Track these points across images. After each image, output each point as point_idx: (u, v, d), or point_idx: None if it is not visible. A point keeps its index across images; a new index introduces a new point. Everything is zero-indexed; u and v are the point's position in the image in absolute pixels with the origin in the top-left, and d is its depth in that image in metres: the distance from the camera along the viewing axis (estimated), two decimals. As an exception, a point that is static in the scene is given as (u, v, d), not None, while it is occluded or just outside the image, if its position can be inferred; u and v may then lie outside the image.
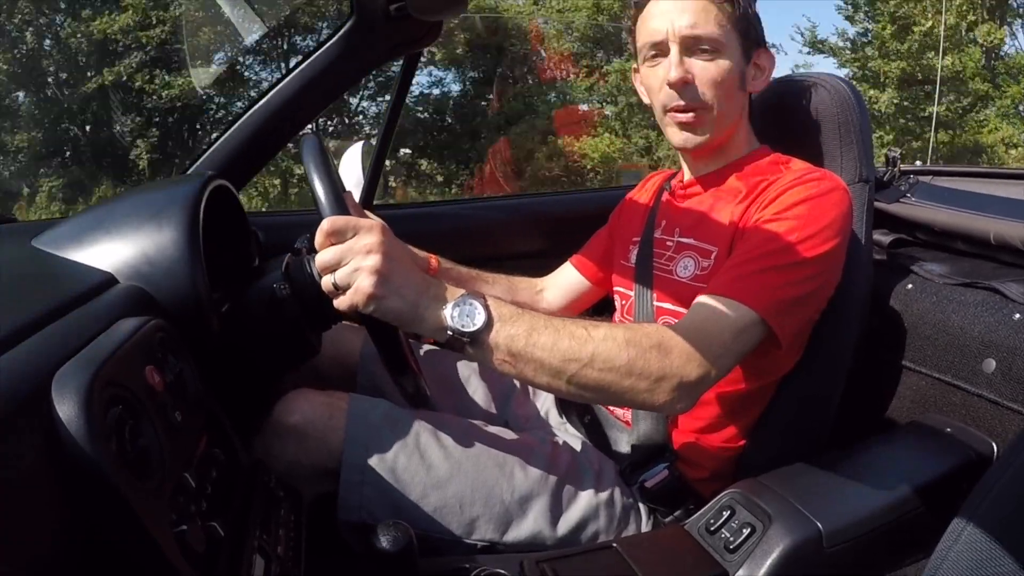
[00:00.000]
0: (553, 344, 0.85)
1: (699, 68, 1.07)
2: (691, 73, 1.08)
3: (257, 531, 0.77)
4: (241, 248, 1.19)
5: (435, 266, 1.27)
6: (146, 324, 0.75)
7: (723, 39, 1.06)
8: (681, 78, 1.07)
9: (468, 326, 0.83)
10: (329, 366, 1.25)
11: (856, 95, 1.19)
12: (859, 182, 1.16)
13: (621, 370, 0.86)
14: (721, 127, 1.11)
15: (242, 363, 1.00)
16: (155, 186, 1.04)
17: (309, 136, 0.94)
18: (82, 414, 0.56)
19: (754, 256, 0.99)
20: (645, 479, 1.11)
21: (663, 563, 0.90)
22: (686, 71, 1.07)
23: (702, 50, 1.07)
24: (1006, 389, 1.07)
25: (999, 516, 0.68)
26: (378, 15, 1.27)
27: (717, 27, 1.06)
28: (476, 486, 1.02)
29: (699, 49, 1.07)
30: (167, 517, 0.63)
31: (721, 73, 1.07)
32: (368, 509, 0.98)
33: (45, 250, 0.93)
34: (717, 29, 1.06)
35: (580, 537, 1.05)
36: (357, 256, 0.81)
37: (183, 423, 0.73)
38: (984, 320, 1.14)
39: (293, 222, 1.66)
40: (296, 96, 1.36)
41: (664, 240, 1.19)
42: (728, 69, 1.07)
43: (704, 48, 1.07)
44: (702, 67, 1.07)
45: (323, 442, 1.00)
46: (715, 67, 1.07)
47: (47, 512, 0.55)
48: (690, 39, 1.07)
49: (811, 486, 0.95)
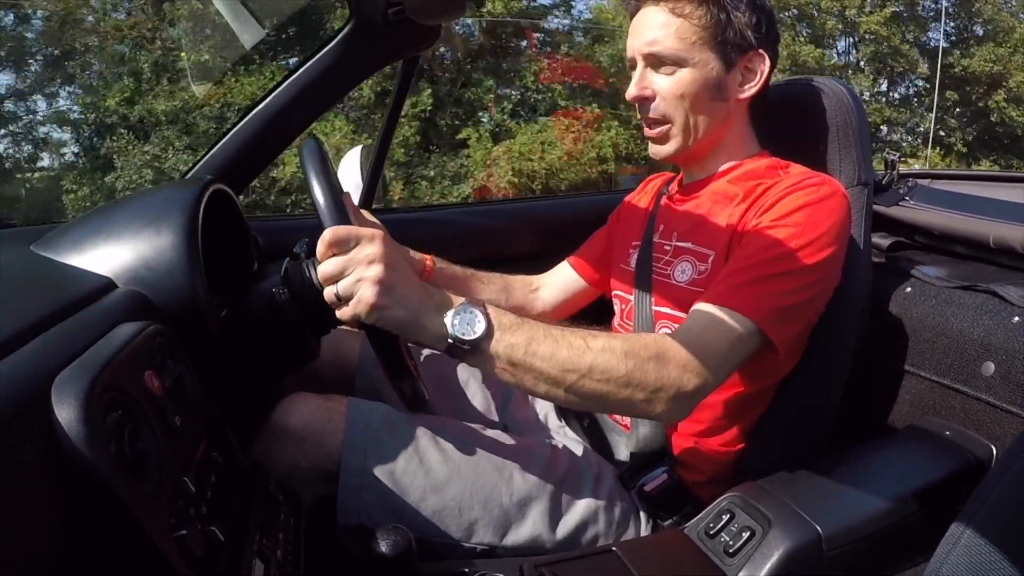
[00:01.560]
0: (552, 354, 0.86)
1: (661, 82, 1.10)
2: (650, 89, 1.11)
3: (256, 535, 0.77)
4: (240, 252, 1.19)
5: (430, 266, 1.27)
6: (145, 328, 0.75)
7: (685, 54, 1.07)
8: (637, 95, 1.12)
9: (468, 335, 0.84)
10: (328, 370, 1.25)
11: (855, 98, 1.19)
12: (858, 185, 1.16)
13: (619, 381, 0.87)
14: (690, 138, 1.12)
15: (241, 367, 1.00)
16: (154, 191, 1.04)
17: (309, 141, 0.94)
18: (81, 418, 0.57)
19: (752, 264, 0.99)
20: (644, 483, 1.11)
21: (662, 567, 0.90)
22: (644, 87, 1.11)
23: (664, 64, 1.09)
24: (1005, 392, 1.07)
25: (998, 520, 0.68)
26: (376, 19, 1.27)
27: (678, 41, 1.07)
28: (475, 489, 1.02)
29: (661, 64, 1.09)
30: (166, 521, 0.63)
31: (682, 87, 1.08)
32: (367, 513, 0.97)
33: (44, 255, 0.93)
34: (678, 43, 1.07)
35: (579, 541, 1.05)
36: (359, 267, 0.82)
37: (182, 427, 0.73)
38: (983, 323, 1.14)
39: (292, 226, 1.66)
40: (295, 100, 1.36)
41: (663, 244, 1.19)
42: (692, 82, 1.08)
43: (665, 63, 1.09)
44: (664, 81, 1.10)
45: (322, 445, 1.00)
46: (675, 81, 1.09)
47: (47, 516, 0.55)
48: (650, 56, 1.10)
49: (810, 490, 0.96)
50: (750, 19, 1.08)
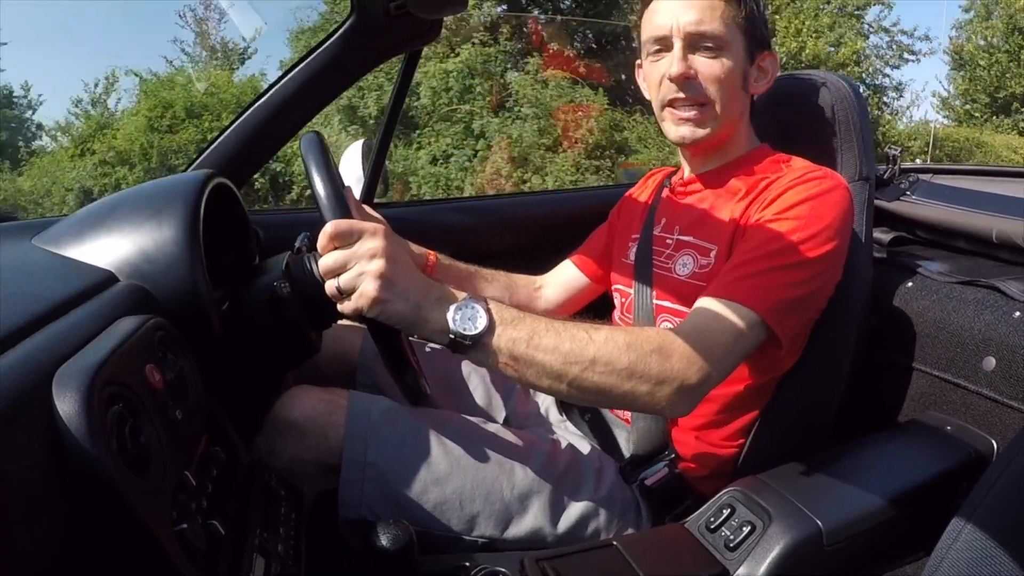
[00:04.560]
0: (555, 347, 0.86)
1: (702, 64, 1.07)
2: (694, 69, 1.07)
3: (257, 529, 0.78)
4: (241, 246, 1.19)
5: (433, 262, 1.27)
6: (146, 322, 0.75)
7: (727, 37, 1.06)
8: (682, 73, 1.07)
9: (470, 329, 0.84)
10: (329, 363, 1.25)
11: (856, 93, 1.19)
12: (859, 180, 1.16)
13: (622, 373, 0.87)
14: (722, 125, 1.11)
15: (242, 361, 1.00)
16: (155, 184, 1.04)
17: (310, 134, 0.93)
18: (82, 412, 0.57)
19: (755, 257, 0.99)
20: (645, 477, 1.11)
21: (663, 561, 0.90)
22: (688, 67, 1.07)
23: (706, 47, 1.07)
24: (1006, 387, 1.07)
25: (999, 514, 0.68)
26: (378, 13, 1.27)
27: (722, 25, 1.06)
28: (476, 483, 1.02)
29: (703, 46, 1.07)
30: (167, 515, 0.63)
31: (724, 71, 1.07)
32: (369, 506, 0.98)
33: (45, 248, 0.93)
34: (722, 27, 1.06)
35: (580, 535, 1.05)
36: (361, 261, 0.82)
37: (183, 421, 0.73)
38: (984, 318, 1.14)
39: (293, 220, 1.66)
40: (296, 94, 1.36)
41: (664, 238, 1.19)
42: (731, 68, 1.07)
43: (708, 45, 1.07)
44: (705, 63, 1.07)
45: (323, 438, 1.00)
46: (719, 64, 1.07)
47: (48, 510, 0.55)
48: (695, 35, 1.06)
49: (811, 484, 0.96)
50: (764, 18, 1.10)
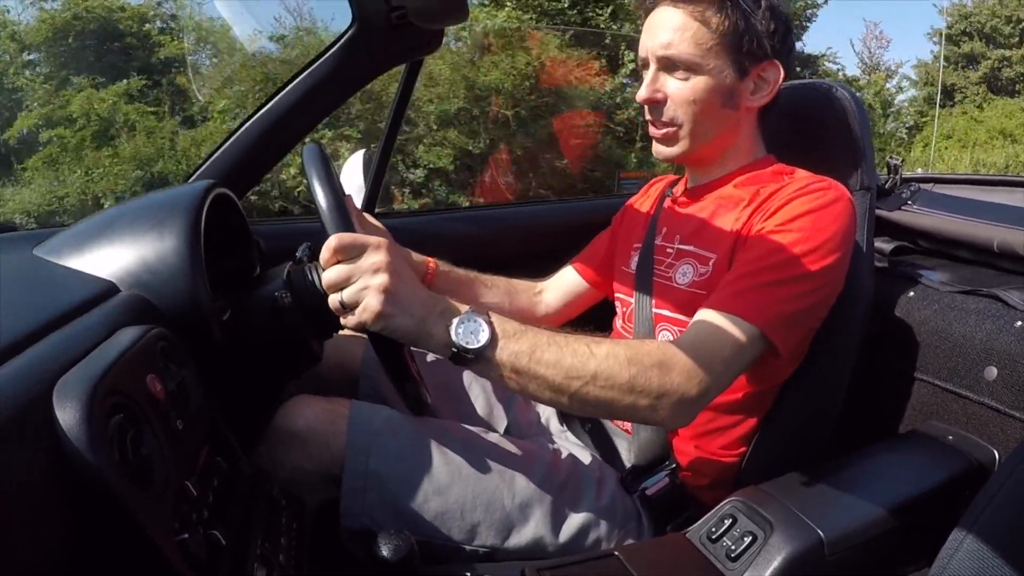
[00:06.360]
0: (556, 361, 0.86)
1: (673, 87, 1.09)
2: (662, 92, 1.09)
3: (259, 540, 0.77)
4: (243, 256, 1.19)
5: (433, 269, 1.27)
6: (147, 333, 0.75)
7: (700, 59, 1.06)
8: (648, 97, 1.11)
9: (472, 343, 0.84)
10: (331, 373, 1.25)
11: (857, 102, 1.19)
12: (860, 190, 1.16)
13: (623, 387, 0.87)
14: (696, 143, 1.12)
15: (244, 371, 1.00)
16: (156, 195, 1.04)
17: (311, 145, 0.94)
18: (84, 423, 0.57)
19: (756, 269, 0.99)
20: (646, 487, 1.11)
21: (665, 571, 0.90)
22: (656, 90, 1.10)
23: (678, 69, 1.08)
24: (1008, 397, 1.07)
25: (1001, 524, 0.68)
26: (379, 23, 1.27)
27: (694, 47, 1.05)
28: (477, 492, 1.02)
29: (675, 68, 1.08)
30: (169, 525, 0.63)
31: (695, 93, 1.07)
32: (370, 515, 0.97)
33: (46, 258, 0.93)
34: (694, 49, 1.06)
35: (581, 544, 1.05)
36: (365, 275, 0.82)
37: (185, 431, 0.73)
38: (986, 328, 1.14)
39: (295, 230, 1.66)
40: (298, 104, 1.36)
41: (665, 247, 1.19)
42: (705, 88, 1.07)
43: (679, 68, 1.07)
44: (676, 86, 1.09)
45: (325, 448, 1.00)
46: (688, 87, 1.07)
47: (49, 520, 0.55)
48: (664, 59, 1.08)
49: (812, 494, 0.95)
50: (767, 27, 1.07)
